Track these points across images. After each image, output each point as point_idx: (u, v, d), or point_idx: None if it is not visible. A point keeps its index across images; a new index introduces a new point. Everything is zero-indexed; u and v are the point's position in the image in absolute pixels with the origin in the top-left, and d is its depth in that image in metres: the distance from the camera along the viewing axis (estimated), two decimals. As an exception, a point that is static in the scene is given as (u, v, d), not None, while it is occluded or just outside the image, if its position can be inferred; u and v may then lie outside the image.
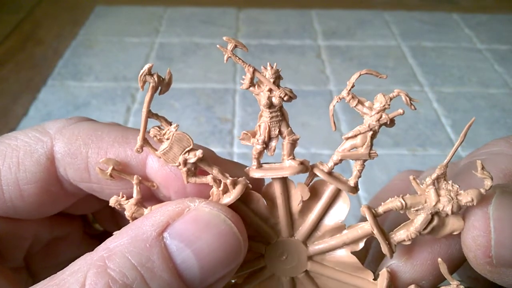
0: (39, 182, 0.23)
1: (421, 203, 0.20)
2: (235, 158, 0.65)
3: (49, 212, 0.25)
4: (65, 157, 0.23)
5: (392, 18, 1.06)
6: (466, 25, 1.03)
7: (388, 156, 0.66)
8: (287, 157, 0.21)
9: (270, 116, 0.21)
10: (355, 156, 0.21)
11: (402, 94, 0.20)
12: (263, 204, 0.22)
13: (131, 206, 0.22)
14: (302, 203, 0.22)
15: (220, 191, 0.21)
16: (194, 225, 0.19)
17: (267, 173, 0.21)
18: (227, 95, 0.78)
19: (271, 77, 0.20)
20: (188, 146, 0.21)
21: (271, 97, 0.20)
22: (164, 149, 0.21)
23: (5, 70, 0.85)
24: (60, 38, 0.95)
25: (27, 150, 0.23)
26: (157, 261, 0.18)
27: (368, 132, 0.20)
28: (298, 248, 0.23)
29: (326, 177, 0.21)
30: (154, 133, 0.21)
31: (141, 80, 0.20)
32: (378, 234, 0.21)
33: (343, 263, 0.22)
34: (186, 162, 0.21)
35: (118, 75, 0.83)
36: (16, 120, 0.72)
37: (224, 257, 0.19)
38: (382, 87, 0.82)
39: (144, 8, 1.08)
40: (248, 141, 0.21)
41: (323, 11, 1.07)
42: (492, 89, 0.82)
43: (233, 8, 1.07)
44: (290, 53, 0.91)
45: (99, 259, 0.18)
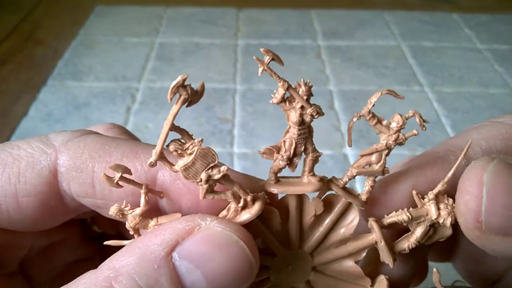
0: (39, 196, 0.22)
1: (423, 216, 0.21)
2: (235, 158, 0.65)
3: (46, 226, 0.24)
4: (69, 171, 0.22)
5: (392, 18, 1.06)
6: (466, 25, 1.03)
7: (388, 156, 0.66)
8: (308, 174, 0.21)
9: (298, 133, 0.20)
10: (370, 173, 0.21)
11: (416, 115, 0.21)
12: (278, 219, 0.21)
13: (136, 216, 0.20)
14: (314, 217, 0.22)
15: (239, 207, 0.20)
16: (205, 246, 0.18)
17: (287, 189, 0.21)
18: (227, 95, 0.78)
19: (304, 94, 0.20)
20: (212, 162, 0.19)
21: (303, 115, 0.20)
22: (186, 164, 0.19)
23: (5, 70, 0.85)
24: (60, 38, 0.95)
25: (30, 161, 0.22)
26: (165, 284, 0.17)
27: (384, 151, 0.21)
28: (304, 259, 0.23)
29: (342, 192, 0.21)
30: (175, 147, 0.19)
31: (172, 92, 0.18)
32: (385, 246, 0.22)
33: (346, 272, 0.23)
34: (209, 179, 0.19)
35: (118, 75, 0.83)
36: (16, 120, 0.72)
37: (235, 280, 0.19)
38: (383, 87, 0.82)
39: (144, 8, 1.08)
40: (270, 156, 0.21)
41: (323, 11, 1.07)
42: (492, 89, 0.82)
43: (233, 8, 1.07)
44: (290, 53, 0.91)
45: (104, 279, 0.17)
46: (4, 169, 0.21)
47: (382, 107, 0.23)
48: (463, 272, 0.31)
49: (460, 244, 0.29)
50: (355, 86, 0.82)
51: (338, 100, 0.77)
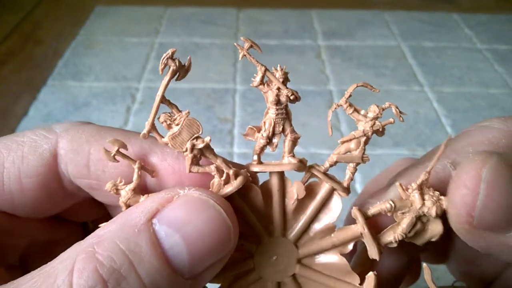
0: (40, 176, 0.23)
1: (407, 206, 0.21)
2: (235, 158, 0.65)
3: (47, 212, 0.25)
4: (68, 153, 0.23)
5: (392, 18, 1.06)
6: (466, 25, 1.03)
7: (388, 156, 0.66)
8: (288, 154, 0.22)
9: (276, 113, 0.22)
10: (349, 159, 0.22)
11: (392, 106, 0.22)
12: (260, 199, 0.22)
13: (129, 191, 0.22)
14: (297, 202, 0.22)
15: (222, 181, 0.21)
16: (183, 210, 0.19)
17: (267, 167, 0.22)
18: (227, 95, 0.78)
19: (280, 77, 0.21)
20: (197, 132, 0.21)
21: (279, 95, 0.21)
22: (173, 133, 0.21)
23: (5, 70, 0.85)
24: (60, 38, 0.95)
25: (32, 145, 0.23)
26: (145, 247, 0.18)
27: (362, 137, 0.22)
28: (288, 249, 0.23)
29: (323, 176, 0.22)
30: (164, 118, 0.21)
31: (162, 63, 0.20)
32: (369, 236, 0.22)
33: (332, 266, 0.23)
34: (193, 148, 0.21)
35: (118, 75, 0.83)
36: (16, 120, 0.72)
37: (213, 243, 0.19)
38: (383, 87, 0.82)
39: (144, 8, 1.08)
40: (252, 136, 0.22)
41: (323, 11, 1.07)
42: (492, 89, 0.82)
43: (233, 8, 1.07)
44: (290, 53, 0.91)
45: (88, 245, 0.18)
46: (9, 153, 0.23)
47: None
48: (458, 274, 0.31)
49: (454, 246, 0.29)
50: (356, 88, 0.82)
51: (338, 100, 0.77)
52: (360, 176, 0.63)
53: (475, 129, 0.25)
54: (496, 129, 0.24)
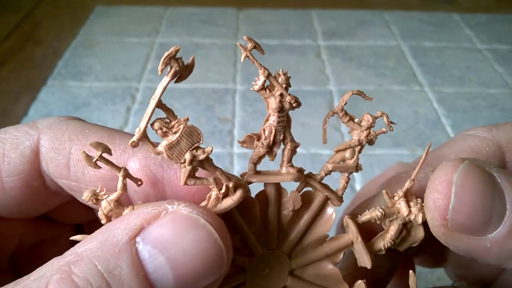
0: (22, 175, 0.22)
1: (394, 213, 0.22)
2: (235, 158, 0.65)
3: (32, 212, 0.24)
4: (49, 151, 0.22)
5: (392, 18, 1.06)
6: (466, 25, 1.03)
7: (388, 156, 0.66)
8: (286, 164, 0.21)
9: (278, 120, 0.20)
10: (344, 168, 0.22)
11: (384, 116, 0.22)
12: (257, 211, 0.21)
13: (110, 201, 0.19)
14: (292, 212, 0.22)
15: (221, 194, 0.20)
16: (170, 229, 0.17)
17: (266, 178, 0.21)
18: (227, 95, 0.78)
19: (283, 83, 0.20)
20: (197, 141, 0.19)
21: (282, 102, 0.20)
22: (170, 142, 0.18)
23: (5, 70, 0.85)
24: (60, 38, 0.95)
25: (14, 142, 0.22)
26: (125, 269, 0.16)
27: (356, 147, 0.22)
28: (281, 261, 0.22)
29: (319, 186, 0.22)
30: (160, 125, 0.19)
31: (163, 63, 0.18)
32: (362, 244, 0.22)
33: (324, 276, 0.23)
34: (193, 160, 0.19)
35: (118, 75, 0.83)
36: (16, 120, 0.72)
37: (202, 267, 0.17)
38: (383, 87, 0.82)
39: (144, 8, 1.08)
40: (250, 144, 0.21)
41: (323, 11, 1.07)
42: (492, 89, 0.82)
43: (233, 8, 1.07)
44: (290, 53, 0.91)
45: (65, 264, 0.17)
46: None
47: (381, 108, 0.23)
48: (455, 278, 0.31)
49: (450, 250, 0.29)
50: (355, 86, 0.82)
51: (338, 100, 0.77)
52: (360, 176, 0.63)
53: (460, 137, 0.25)
54: (480, 137, 0.24)
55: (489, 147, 0.24)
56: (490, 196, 0.19)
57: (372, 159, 0.66)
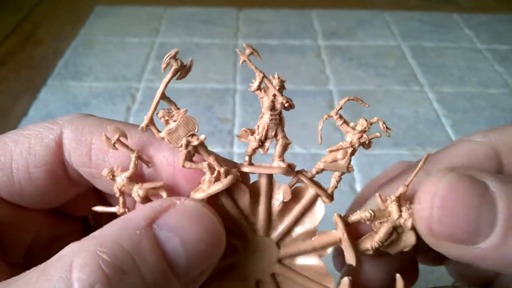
0: (47, 165, 0.24)
1: (385, 216, 0.23)
2: (235, 158, 0.65)
3: (54, 202, 0.26)
4: (71, 142, 0.24)
5: (392, 18, 1.06)
6: (466, 25, 1.03)
7: (388, 156, 0.66)
8: (278, 158, 0.23)
9: (270, 118, 0.23)
10: (335, 167, 0.23)
11: (380, 121, 0.23)
12: (247, 198, 0.23)
13: (124, 178, 0.23)
14: (282, 204, 0.23)
15: (213, 178, 0.22)
16: (182, 218, 0.20)
17: (257, 169, 0.23)
18: (227, 95, 0.78)
19: (277, 85, 0.22)
20: (193, 129, 0.22)
21: (274, 101, 0.22)
22: (170, 129, 0.22)
23: (5, 70, 0.85)
24: (60, 38, 0.95)
25: (38, 136, 0.24)
26: (147, 247, 0.19)
27: (348, 149, 0.23)
28: (270, 248, 0.24)
29: (308, 182, 0.23)
30: (163, 114, 0.22)
31: (165, 62, 0.21)
32: (347, 241, 0.23)
33: (310, 268, 0.24)
34: (188, 145, 0.22)
35: (118, 75, 0.83)
36: (16, 120, 0.72)
37: (207, 249, 0.20)
38: (383, 87, 0.82)
39: (144, 8, 1.08)
40: (245, 138, 0.23)
41: (323, 11, 1.07)
42: (492, 89, 0.82)
43: (233, 8, 1.07)
44: (290, 53, 0.91)
45: (88, 244, 0.19)
46: (16, 146, 0.24)
47: (381, 108, 0.24)
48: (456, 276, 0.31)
49: None
50: (355, 86, 0.82)
51: (338, 100, 0.77)
52: (360, 176, 0.63)
53: (457, 143, 0.25)
54: (476, 142, 0.25)
55: (485, 150, 0.24)
56: (475, 206, 0.20)
57: (372, 159, 0.66)
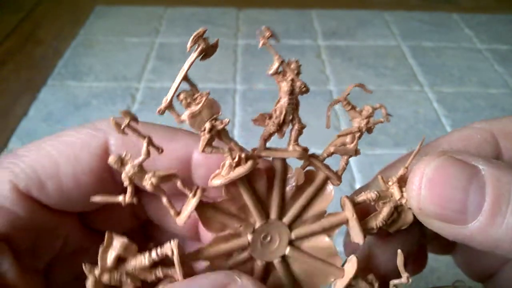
0: (95, 172, 0.25)
1: (388, 197, 0.24)
2: (235, 158, 0.65)
3: (98, 204, 0.27)
4: (118, 149, 0.25)
5: (392, 18, 1.06)
6: (466, 25, 1.03)
7: (388, 156, 0.66)
8: (293, 143, 0.23)
9: (288, 102, 0.23)
10: (344, 151, 0.24)
11: (382, 108, 0.23)
12: (264, 183, 0.23)
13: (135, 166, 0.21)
14: (295, 188, 0.24)
15: (234, 163, 0.22)
16: None
17: (273, 153, 0.23)
18: (227, 95, 0.78)
19: (295, 69, 0.23)
20: (217, 113, 0.21)
21: (293, 85, 0.23)
22: (193, 112, 0.21)
23: (5, 70, 0.85)
24: (60, 38, 0.95)
25: (84, 145, 0.25)
26: None
27: (356, 133, 0.24)
28: (282, 231, 0.24)
29: (321, 165, 0.24)
30: (185, 95, 0.21)
31: (192, 41, 0.21)
32: (356, 220, 0.23)
33: (319, 248, 0.25)
34: (211, 129, 0.21)
35: (118, 75, 0.83)
36: (16, 120, 0.72)
37: None
38: (383, 87, 0.82)
39: (144, 8, 1.08)
40: (262, 122, 0.23)
41: (323, 11, 1.07)
42: (492, 89, 0.82)
43: (233, 8, 1.07)
44: (290, 53, 0.91)
45: None
46: (61, 154, 0.25)
47: None
48: (462, 265, 0.31)
49: None
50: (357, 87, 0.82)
51: (338, 100, 0.77)
52: (360, 176, 0.63)
53: (457, 129, 0.26)
54: (474, 127, 0.25)
55: (481, 135, 0.25)
56: (461, 188, 0.20)
57: (372, 159, 0.66)
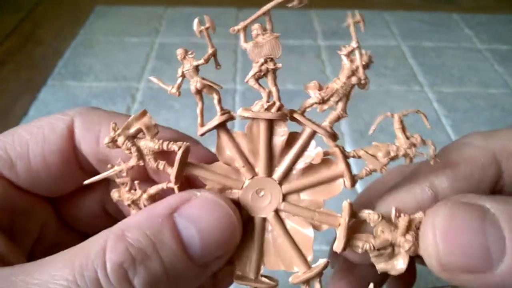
0: (61, 152, 0.26)
1: (390, 227, 0.22)
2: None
3: (66, 188, 0.29)
4: (81, 131, 0.27)
5: (392, 18, 1.06)
6: (466, 25, 1.03)
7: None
8: (328, 123, 0.24)
9: (341, 85, 0.23)
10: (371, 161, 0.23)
11: (431, 146, 0.23)
12: (284, 140, 0.24)
13: (193, 64, 0.25)
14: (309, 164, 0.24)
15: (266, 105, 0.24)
16: (199, 208, 0.22)
17: (306, 122, 0.24)
18: (227, 95, 0.78)
19: (365, 61, 0.23)
20: (276, 55, 0.23)
21: (354, 73, 0.23)
22: (257, 42, 0.23)
23: (5, 70, 0.85)
24: (60, 38, 0.95)
25: (51, 126, 0.27)
26: (166, 233, 0.21)
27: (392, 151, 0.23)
28: (273, 186, 0.24)
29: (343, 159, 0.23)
30: (257, 27, 0.23)
31: None
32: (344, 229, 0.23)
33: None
34: (263, 64, 0.23)
35: (118, 75, 0.83)
36: (16, 120, 0.72)
37: (222, 238, 0.22)
38: (383, 87, 0.82)
39: (144, 8, 1.07)
40: (311, 89, 0.24)
41: (323, 11, 1.07)
42: (492, 89, 0.82)
43: (233, 8, 1.07)
44: (290, 53, 0.91)
45: (117, 230, 0.21)
46: (31, 136, 0.26)
47: (381, 108, 0.24)
48: None
49: None
50: (355, 86, 0.82)
51: (338, 100, 0.77)
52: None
53: (455, 147, 0.25)
54: (475, 147, 0.24)
55: (484, 158, 0.24)
56: (477, 231, 0.20)
57: (372, 159, 0.66)
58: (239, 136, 0.25)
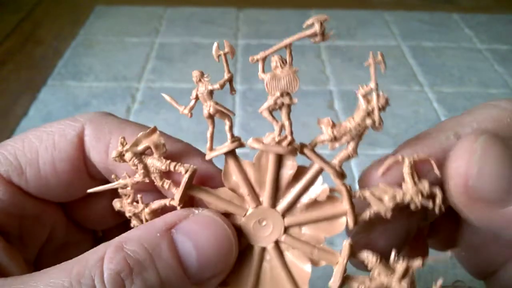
0: (71, 160, 0.26)
1: (387, 272, 0.23)
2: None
3: (75, 194, 0.28)
4: (91, 139, 0.26)
5: (392, 18, 1.06)
6: (466, 25, 1.03)
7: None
8: (337, 162, 0.24)
9: (354, 126, 0.23)
10: (376, 204, 0.23)
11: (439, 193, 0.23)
12: (292, 174, 0.24)
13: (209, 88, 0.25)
14: (313, 200, 0.24)
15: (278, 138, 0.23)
16: (197, 225, 0.23)
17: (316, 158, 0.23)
18: (227, 95, 0.78)
19: (381, 103, 0.23)
20: (292, 90, 0.23)
21: (369, 115, 0.23)
22: (275, 74, 0.23)
23: (5, 70, 0.85)
24: (60, 38, 0.95)
25: (62, 133, 0.26)
26: (164, 247, 0.22)
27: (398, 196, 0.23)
28: (276, 217, 0.24)
29: (348, 200, 0.23)
30: (277, 58, 0.23)
31: (311, 20, 0.22)
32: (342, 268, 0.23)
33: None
34: (278, 98, 0.22)
35: (118, 75, 0.83)
36: (16, 120, 0.72)
37: (218, 255, 0.23)
38: (383, 87, 0.82)
39: (144, 8, 1.08)
40: (324, 125, 0.23)
41: (323, 11, 1.07)
42: (492, 89, 0.82)
43: (233, 8, 1.07)
44: (290, 53, 0.91)
45: (117, 242, 0.22)
46: (41, 142, 0.26)
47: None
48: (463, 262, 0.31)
49: (462, 232, 0.29)
50: (355, 86, 0.81)
51: (338, 100, 0.77)
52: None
53: (482, 107, 0.26)
54: (502, 108, 0.25)
55: (510, 118, 0.24)
56: (510, 166, 0.21)
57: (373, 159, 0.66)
58: (247, 165, 0.24)
